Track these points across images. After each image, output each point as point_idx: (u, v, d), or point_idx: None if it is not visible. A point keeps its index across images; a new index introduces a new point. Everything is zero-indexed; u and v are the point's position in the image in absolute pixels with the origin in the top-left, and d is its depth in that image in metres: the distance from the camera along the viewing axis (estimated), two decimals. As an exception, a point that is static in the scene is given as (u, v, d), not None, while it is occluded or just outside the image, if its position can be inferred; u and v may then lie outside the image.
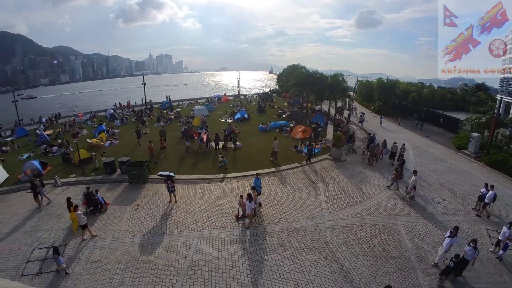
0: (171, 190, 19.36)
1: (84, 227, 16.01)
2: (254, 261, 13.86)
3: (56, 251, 13.39)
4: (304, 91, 48.00)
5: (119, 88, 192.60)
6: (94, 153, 26.99)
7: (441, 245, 13.29)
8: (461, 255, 12.28)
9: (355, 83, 76.53)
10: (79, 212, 15.98)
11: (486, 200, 17.73)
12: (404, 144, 26.41)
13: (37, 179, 21.37)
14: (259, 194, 18.36)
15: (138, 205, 19.37)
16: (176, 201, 19.72)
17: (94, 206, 18.69)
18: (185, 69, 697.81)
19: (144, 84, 61.28)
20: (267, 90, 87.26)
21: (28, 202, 21.02)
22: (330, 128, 34.25)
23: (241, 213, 17.16)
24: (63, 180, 24.01)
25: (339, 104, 43.97)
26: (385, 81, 55.82)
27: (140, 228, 17.10)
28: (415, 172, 19.85)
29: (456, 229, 13.01)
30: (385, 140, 27.68)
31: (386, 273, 13.10)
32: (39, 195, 20.20)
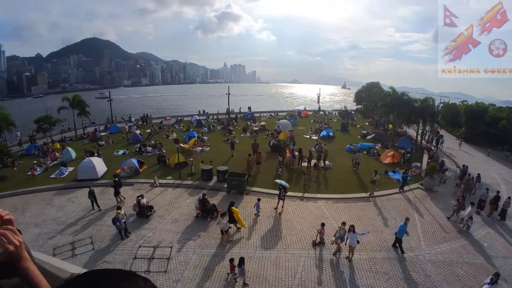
0: (281, 198, 20.07)
1: (222, 232, 16.57)
2: (362, 286, 13.66)
3: (242, 261, 13.26)
4: (392, 113, 45.63)
5: (197, 94, 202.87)
6: (192, 159, 27.97)
7: None
8: None
9: (437, 105, 71.30)
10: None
11: None
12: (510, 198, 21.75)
13: (116, 178, 22.78)
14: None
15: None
16: (282, 210, 20.23)
17: (207, 212, 19.28)
18: (258, 80, 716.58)
19: (229, 94, 63.18)
20: (343, 106, 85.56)
21: (130, 197, 22.35)
22: (425, 157, 32.43)
23: (318, 240, 16.74)
24: (161, 181, 25.13)
25: (427, 129, 41.69)
26: (474, 105, 50.89)
27: (245, 240, 17.23)
28: (472, 203, 19.48)
29: (497, 275, 12.05)
30: (479, 174, 25.87)
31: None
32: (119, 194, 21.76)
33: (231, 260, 13.50)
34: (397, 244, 16.22)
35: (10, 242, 1.42)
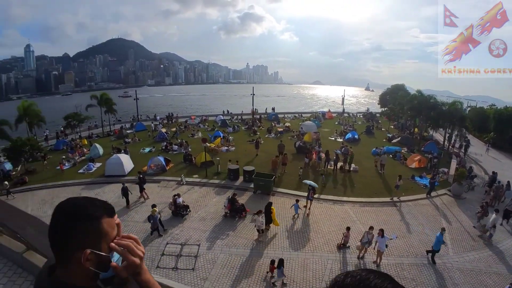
0: (309, 199, 20.36)
1: (258, 231, 16.70)
2: None
3: (281, 263, 13.23)
4: (419, 116, 44.65)
5: (220, 94, 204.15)
6: (218, 158, 28.11)
7: None
8: None
9: (464, 109, 69.11)
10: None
11: None
12: None
13: (141, 175, 22.90)
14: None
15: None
16: (309, 212, 20.36)
17: (236, 211, 19.29)
18: (280, 80, 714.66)
19: (253, 95, 63.24)
20: (367, 108, 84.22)
21: (156, 194, 22.86)
22: (453, 163, 31.04)
23: (342, 243, 16.56)
24: (187, 179, 25.38)
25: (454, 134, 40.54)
26: (504, 109, 48.80)
27: (272, 240, 17.20)
28: (497, 210, 18.91)
29: None
30: (509, 182, 24.68)
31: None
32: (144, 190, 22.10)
33: (272, 262, 13.45)
34: (429, 253, 15.74)
35: (134, 254, 1.33)
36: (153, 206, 17.52)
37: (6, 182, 23.87)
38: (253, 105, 62.73)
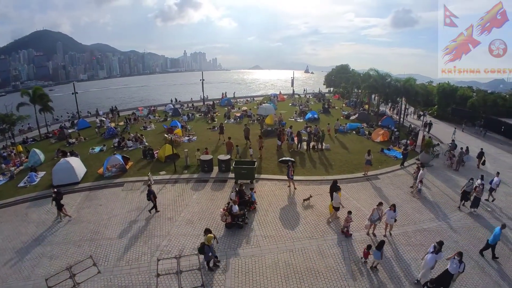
0: (290, 177, 19.63)
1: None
2: (409, 260, 13.60)
3: (382, 244, 12.49)
4: (376, 94, 47.13)
5: (159, 84, 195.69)
6: (186, 150, 25.02)
7: (422, 259, 12.41)
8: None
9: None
10: None
11: None
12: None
13: (55, 189, 18.57)
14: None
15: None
16: (295, 188, 20.11)
17: (245, 204, 16.91)
18: (219, 67, 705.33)
19: (203, 80, 60.09)
20: (318, 89, 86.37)
21: (122, 200, 19.36)
22: (421, 133, 33.28)
23: (346, 229, 15.41)
24: (154, 177, 22.07)
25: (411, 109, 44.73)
26: (446, 85, 52.28)
27: (276, 232, 15.55)
28: (422, 166, 21.08)
29: (440, 244, 11.90)
30: (467, 147, 27.58)
31: None
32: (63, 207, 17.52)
33: (369, 247, 12.82)
34: (483, 252, 14.18)
35: None
36: (208, 231, 12.65)
37: None
38: (203, 91, 59.79)
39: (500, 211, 18.49)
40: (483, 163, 25.88)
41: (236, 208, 15.62)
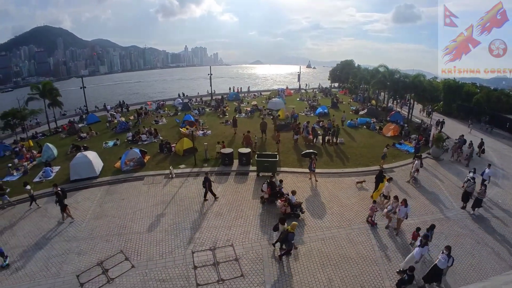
0: (312, 170, 20.01)
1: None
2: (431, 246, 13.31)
3: (432, 228, 13.30)
4: (384, 89, 47.01)
5: (161, 79, 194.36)
6: (206, 143, 24.95)
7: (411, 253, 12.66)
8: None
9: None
10: None
11: None
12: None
13: (58, 188, 17.12)
14: None
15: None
16: (316, 180, 20.51)
17: (275, 196, 16.95)
18: (220, 62, 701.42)
19: (211, 74, 59.65)
20: (319, 84, 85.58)
21: (145, 194, 19.25)
22: (433, 128, 33.04)
23: (371, 219, 15.95)
24: (175, 171, 22.05)
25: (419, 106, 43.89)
26: (452, 81, 52.16)
27: (304, 222, 15.87)
28: (419, 156, 22.01)
29: (426, 237, 12.35)
30: (471, 141, 27.15)
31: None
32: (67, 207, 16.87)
33: (418, 229, 13.52)
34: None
35: None
36: (283, 220, 13.13)
37: None
38: (211, 85, 59.60)
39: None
40: (483, 152, 26.65)
41: (294, 198, 15.96)
